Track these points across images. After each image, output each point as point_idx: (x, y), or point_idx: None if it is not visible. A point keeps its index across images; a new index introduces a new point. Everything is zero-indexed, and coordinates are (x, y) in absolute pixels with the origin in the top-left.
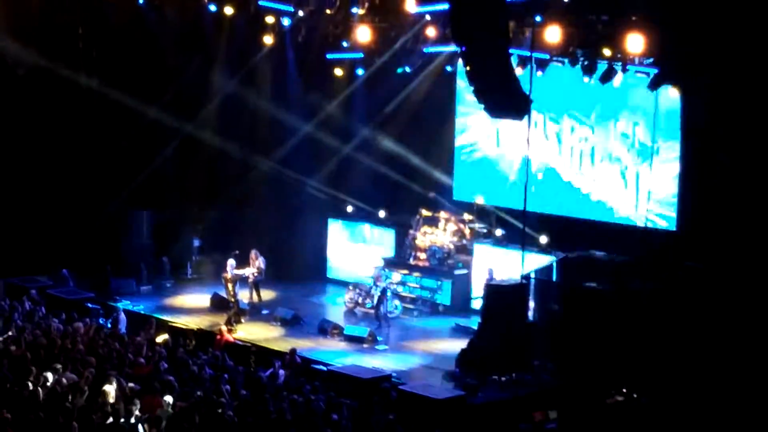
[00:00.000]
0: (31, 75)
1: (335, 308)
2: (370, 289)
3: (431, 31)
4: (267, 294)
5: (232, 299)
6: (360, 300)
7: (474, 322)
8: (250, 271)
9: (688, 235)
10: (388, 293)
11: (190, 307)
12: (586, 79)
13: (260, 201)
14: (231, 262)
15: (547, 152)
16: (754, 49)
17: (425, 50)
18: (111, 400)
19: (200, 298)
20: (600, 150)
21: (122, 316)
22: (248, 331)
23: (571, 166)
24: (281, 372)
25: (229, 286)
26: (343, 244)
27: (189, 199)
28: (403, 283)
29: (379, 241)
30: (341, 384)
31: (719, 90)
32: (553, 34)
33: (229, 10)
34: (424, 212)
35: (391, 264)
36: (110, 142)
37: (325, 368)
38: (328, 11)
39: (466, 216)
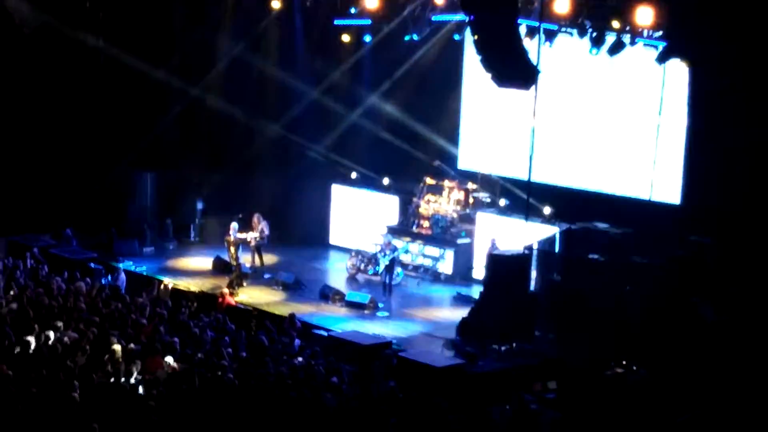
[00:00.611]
0: (37, 35)
1: (337, 274)
2: (374, 256)
3: None
4: (269, 258)
5: (235, 263)
6: (362, 266)
7: (475, 292)
8: (252, 236)
9: (692, 210)
10: (396, 264)
11: (193, 269)
12: (594, 51)
13: (264, 165)
14: (234, 225)
15: (554, 123)
16: (763, 23)
17: (433, 18)
18: (119, 358)
19: (203, 261)
20: (606, 123)
21: (122, 276)
22: (250, 295)
23: (577, 139)
24: (297, 342)
25: (232, 249)
26: (346, 210)
27: (193, 162)
28: (405, 251)
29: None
30: (341, 349)
31: (728, 64)
32: (562, 4)
33: None
34: (429, 180)
35: (394, 231)
36: (116, 103)
37: (325, 333)
38: None
39: (470, 185)
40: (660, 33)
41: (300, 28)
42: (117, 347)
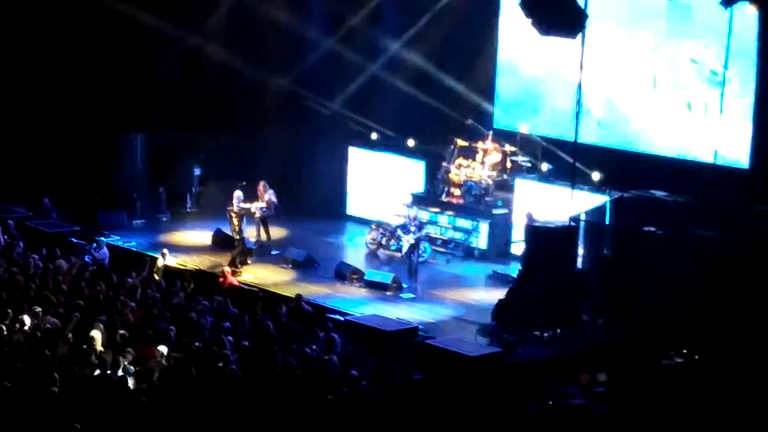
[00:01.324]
0: None
1: (355, 250)
2: (396, 230)
3: None
4: (277, 232)
5: (238, 237)
6: (384, 241)
7: (514, 270)
8: (257, 206)
9: (761, 176)
10: (423, 240)
11: (189, 244)
12: None
13: (272, 125)
14: (237, 194)
15: (603, 76)
16: None
17: None
18: (98, 347)
19: (201, 235)
20: (664, 76)
21: (104, 250)
22: (255, 274)
23: (631, 93)
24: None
25: (235, 221)
26: (365, 176)
27: (190, 122)
28: (433, 223)
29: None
30: (360, 336)
31: None
32: None
33: None
34: (460, 142)
35: (420, 201)
36: (101, 53)
37: (341, 318)
38: None
39: (508, 147)
40: None
41: None
42: (96, 334)
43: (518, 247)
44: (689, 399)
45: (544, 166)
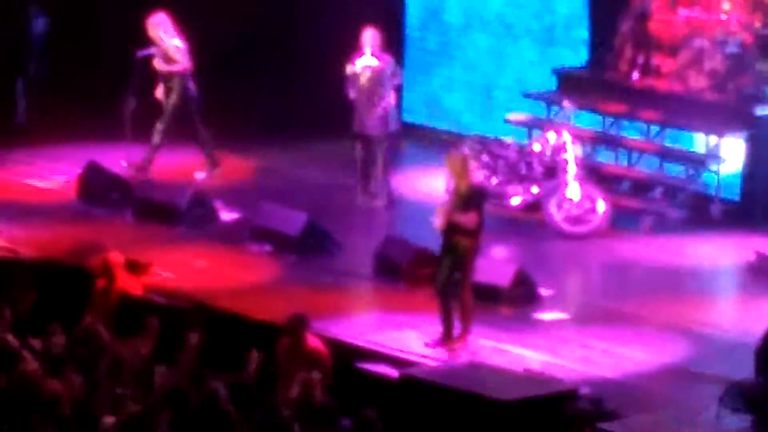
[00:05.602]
0: None
1: (423, 207)
2: (520, 162)
3: None
4: (232, 163)
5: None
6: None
7: None
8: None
9: None
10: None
11: (22, 203)
12: None
13: None
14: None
15: None
16: None
17: None
18: None
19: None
20: None
21: None
22: (182, 267)
23: None
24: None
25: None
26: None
27: None
28: (611, 141)
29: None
30: (440, 412)
31: None
32: None
33: None
34: None
35: (574, 88)
36: None
37: (395, 373)
38: None
39: None
40: None
41: None
42: None
43: None
44: None
45: None
